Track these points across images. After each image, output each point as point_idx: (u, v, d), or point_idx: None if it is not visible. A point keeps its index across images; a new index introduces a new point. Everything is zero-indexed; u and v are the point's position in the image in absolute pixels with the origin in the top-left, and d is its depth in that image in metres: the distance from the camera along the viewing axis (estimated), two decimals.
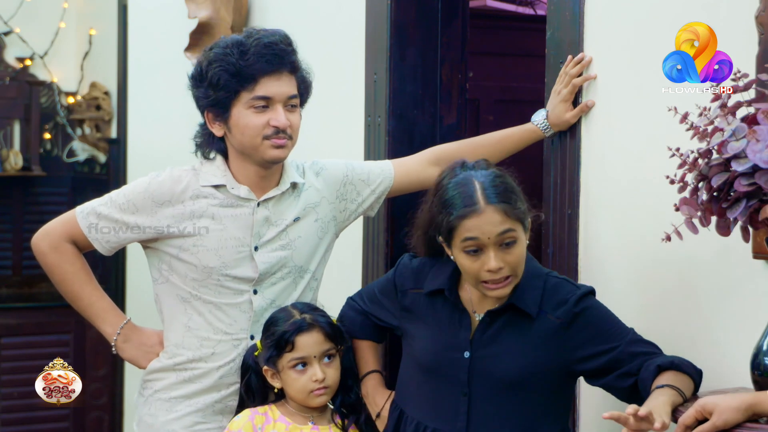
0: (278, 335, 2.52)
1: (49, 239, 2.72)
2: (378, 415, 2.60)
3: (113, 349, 2.77)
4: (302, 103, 2.68)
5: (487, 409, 2.37)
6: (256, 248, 2.64)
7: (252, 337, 2.64)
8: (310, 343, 2.53)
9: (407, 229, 2.59)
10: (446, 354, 2.41)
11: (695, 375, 2.28)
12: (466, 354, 2.39)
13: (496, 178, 2.36)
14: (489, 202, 2.31)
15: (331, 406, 2.60)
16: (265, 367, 2.55)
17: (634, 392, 2.32)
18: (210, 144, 2.67)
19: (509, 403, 2.37)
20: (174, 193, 2.64)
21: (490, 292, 2.34)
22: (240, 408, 2.61)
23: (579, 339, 2.36)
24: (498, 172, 2.38)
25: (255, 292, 2.65)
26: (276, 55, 2.57)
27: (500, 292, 2.34)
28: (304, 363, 2.53)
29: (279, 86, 2.58)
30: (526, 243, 2.36)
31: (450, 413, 2.40)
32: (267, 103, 2.57)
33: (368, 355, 2.68)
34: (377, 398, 2.62)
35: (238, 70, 2.55)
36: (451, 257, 2.39)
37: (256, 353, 2.58)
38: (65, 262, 2.71)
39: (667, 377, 2.25)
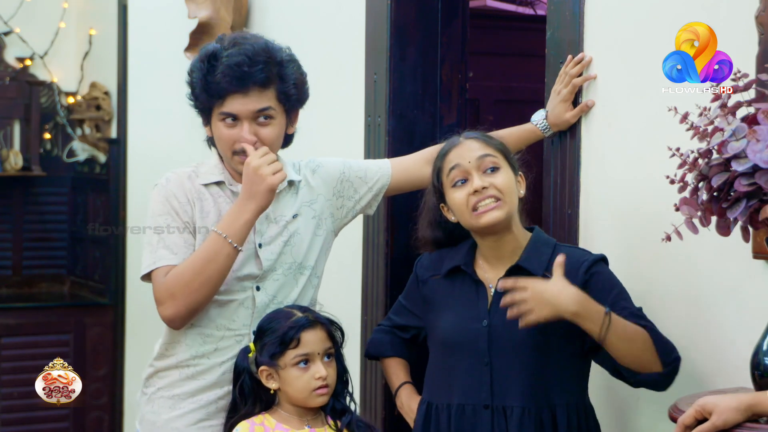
0: (283, 331, 2.52)
1: (160, 297, 2.58)
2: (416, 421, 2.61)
3: (232, 245, 2.55)
4: (289, 110, 2.65)
5: (507, 376, 2.41)
6: (260, 245, 2.65)
7: (254, 333, 2.64)
8: (314, 339, 2.54)
9: (413, 233, 2.65)
10: (467, 326, 2.46)
11: (663, 353, 2.31)
12: (484, 323, 2.44)
13: (478, 130, 2.57)
14: (468, 137, 2.52)
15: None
16: (261, 368, 2.54)
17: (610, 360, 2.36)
18: (210, 140, 2.71)
19: (527, 369, 2.41)
20: (185, 190, 2.65)
21: (482, 218, 2.42)
22: (232, 412, 2.59)
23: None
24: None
25: (258, 288, 2.66)
26: (238, 77, 2.55)
27: (490, 214, 2.42)
28: (307, 360, 2.53)
29: (244, 104, 2.57)
30: (513, 177, 2.46)
31: (474, 386, 2.44)
32: (235, 117, 2.59)
33: (398, 369, 2.72)
34: (413, 405, 2.64)
35: (205, 86, 2.58)
36: (453, 219, 2.49)
37: (250, 354, 2.58)
38: (178, 278, 2.56)
39: (628, 323, 2.30)
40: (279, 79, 2.61)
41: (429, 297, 2.59)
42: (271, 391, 2.56)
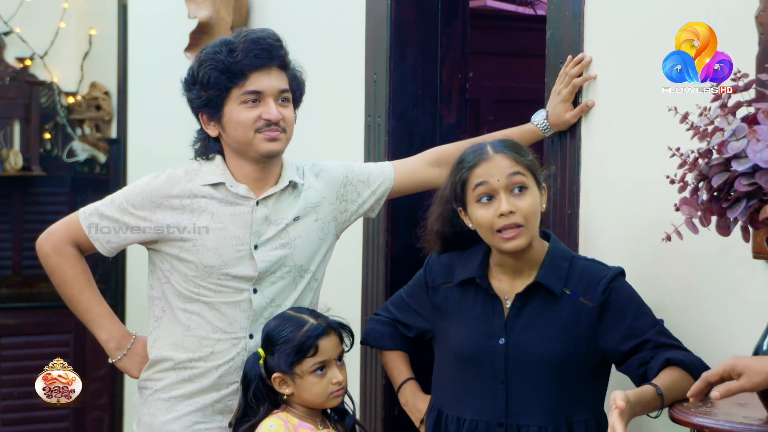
0: (300, 341, 2.51)
1: (51, 241, 2.72)
2: (422, 421, 2.59)
3: (110, 359, 2.78)
4: (296, 101, 2.68)
5: (524, 395, 2.39)
6: (255, 247, 2.64)
7: (251, 336, 2.64)
8: (330, 346, 2.54)
9: (420, 224, 2.62)
10: (482, 342, 2.43)
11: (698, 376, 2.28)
12: (501, 341, 2.41)
13: (506, 140, 2.51)
14: (497, 151, 2.43)
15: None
16: (275, 375, 2.53)
17: (644, 380, 2.33)
18: (207, 148, 2.68)
19: (545, 388, 2.38)
20: (172, 193, 2.64)
21: (506, 244, 2.38)
22: (243, 417, 2.57)
23: (607, 322, 2.37)
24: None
25: (255, 291, 2.65)
26: (264, 49, 2.59)
27: (514, 243, 2.37)
28: (323, 366, 2.53)
29: (269, 80, 2.59)
30: (539, 197, 2.41)
31: (488, 402, 2.41)
32: (258, 97, 2.59)
33: (400, 364, 2.69)
34: (418, 404, 2.62)
35: (227, 66, 2.57)
36: (470, 225, 2.44)
37: (260, 361, 2.57)
38: (66, 265, 2.71)
39: (666, 374, 2.27)
40: (291, 64, 2.66)
41: (440, 305, 2.55)
42: (285, 396, 2.55)
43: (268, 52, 2.59)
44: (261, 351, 2.57)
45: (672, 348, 2.34)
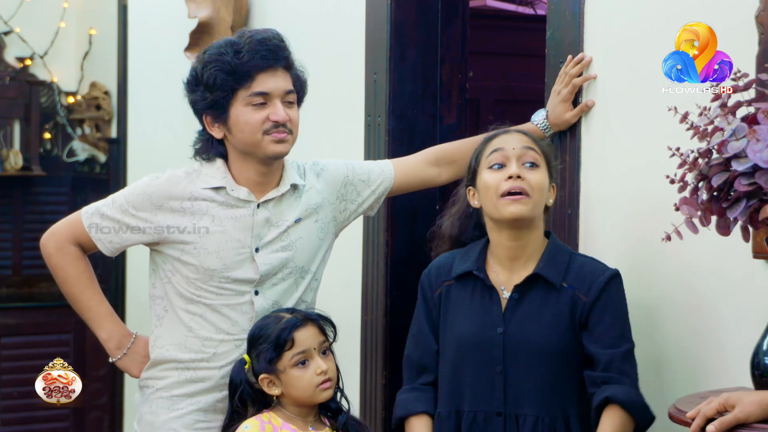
0: (276, 335, 2.52)
1: (55, 240, 2.73)
2: None
3: (110, 358, 2.77)
4: (299, 101, 2.68)
5: (522, 385, 2.40)
6: (257, 250, 2.64)
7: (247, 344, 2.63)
8: (308, 336, 2.53)
9: (430, 231, 2.66)
10: (481, 332, 2.45)
11: (640, 418, 2.34)
12: (499, 330, 2.43)
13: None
14: (516, 131, 2.54)
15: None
16: (262, 376, 2.53)
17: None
18: (209, 149, 2.67)
19: (542, 378, 2.40)
20: (173, 194, 2.64)
21: (507, 208, 2.41)
22: (230, 421, 2.57)
23: (593, 321, 2.40)
24: None
25: (256, 293, 2.65)
26: (270, 50, 2.59)
27: (516, 206, 2.41)
28: (305, 359, 2.53)
29: (275, 81, 2.59)
30: (548, 181, 2.47)
31: (486, 392, 2.43)
32: (265, 99, 2.58)
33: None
34: None
35: (233, 68, 2.56)
36: (476, 204, 2.51)
37: (246, 366, 2.57)
38: (68, 264, 2.72)
39: (607, 420, 2.33)
40: (295, 64, 2.66)
41: (442, 303, 2.54)
42: (274, 398, 2.55)
43: (274, 53, 2.59)
44: (246, 357, 2.57)
45: (616, 383, 2.35)
